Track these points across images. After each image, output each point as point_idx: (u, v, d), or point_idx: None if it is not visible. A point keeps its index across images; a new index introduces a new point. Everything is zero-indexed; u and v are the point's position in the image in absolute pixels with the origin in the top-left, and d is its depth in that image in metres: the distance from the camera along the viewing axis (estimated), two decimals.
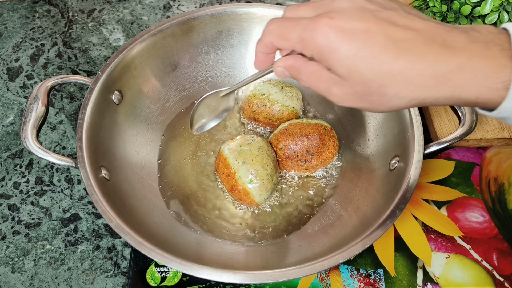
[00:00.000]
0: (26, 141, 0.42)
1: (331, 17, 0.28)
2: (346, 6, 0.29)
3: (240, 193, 0.47)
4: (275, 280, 0.36)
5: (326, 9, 0.29)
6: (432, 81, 0.27)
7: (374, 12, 0.28)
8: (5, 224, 0.51)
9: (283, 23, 0.30)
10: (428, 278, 0.47)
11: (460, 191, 0.53)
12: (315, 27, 0.28)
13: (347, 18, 0.28)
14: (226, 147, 0.49)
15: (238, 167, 0.47)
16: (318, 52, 0.29)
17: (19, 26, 0.70)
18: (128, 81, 0.51)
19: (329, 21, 0.28)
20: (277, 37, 0.31)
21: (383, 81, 0.28)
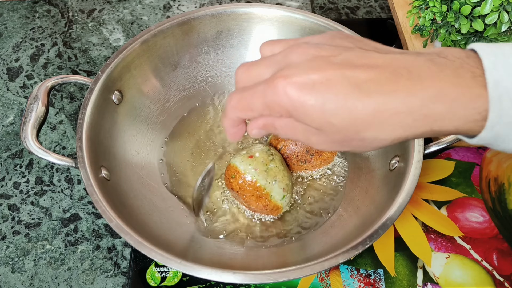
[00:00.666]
0: (26, 141, 0.42)
1: (286, 75, 0.26)
2: (298, 60, 0.27)
3: (272, 210, 0.47)
4: (275, 280, 0.36)
5: (279, 66, 0.28)
6: (408, 119, 0.25)
7: (329, 58, 0.27)
8: (5, 224, 0.51)
9: (243, 94, 0.29)
10: (428, 278, 0.47)
11: (460, 191, 0.53)
12: (273, 90, 0.27)
13: (303, 72, 0.26)
14: (250, 167, 0.46)
15: (271, 187, 0.45)
16: (286, 112, 0.27)
17: (19, 26, 0.70)
18: (128, 81, 0.51)
19: (285, 81, 0.26)
20: (242, 111, 0.30)
21: (357, 128, 0.26)
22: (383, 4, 0.75)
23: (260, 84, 0.28)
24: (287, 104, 0.27)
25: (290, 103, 0.26)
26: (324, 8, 0.74)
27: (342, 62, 0.26)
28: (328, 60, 0.26)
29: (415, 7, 0.54)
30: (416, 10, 0.54)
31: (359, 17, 0.73)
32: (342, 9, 0.74)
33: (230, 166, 0.47)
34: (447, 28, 0.52)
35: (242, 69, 0.30)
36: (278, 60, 0.28)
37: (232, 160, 0.47)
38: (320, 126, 0.27)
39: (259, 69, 0.29)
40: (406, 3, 0.65)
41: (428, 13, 0.52)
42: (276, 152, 0.48)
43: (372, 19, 0.73)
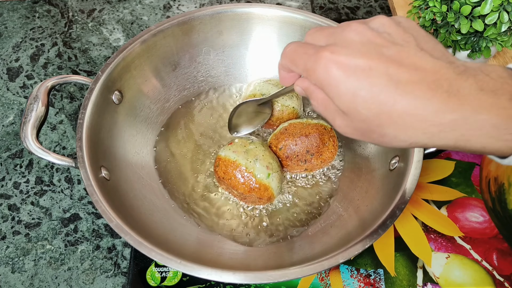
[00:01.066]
0: (26, 141, 0.42)
1: (333, 51, 0.27)
2: (352, 39, 0.27)
3: (260, 190, 0.46)
4: (275, 280, 0.36)
5: (334, 39, 0.28)
6: (434, 129, 0.26)
7: (381, 48, 0.27)
8: (5, 224, 0.51)
9: (297, 48, 0.31)
10: (428, 278, 0.47)
11: (460, 191, 0.53)
12: (317, 59, 0.28)
13: (350, 54, 0.27)
14: (230, 151, 0.48)
15: (253, 166, 0.46)
16: (319, 84, 0.28)
17: (19, 26, 0.70)
18: (128, 81, 0.51)
19: (330, 56, 0.27)
20: (289, 62, 0.31)
21: (381, 122, 0.27)
22: (383, 4, 0.75)
23: (313, 48, 0.29)
24: (322, 78, 0.28)
25: (326, 78, 0.27)
26: (324, 8, 0.74)
27: (391, 55, 0.26)
28: (379, 50, 0.27)
29: (415, 7, 0.54)
30: (416, 10, 0.54)
31: (359, 17, 0.73)
32: (342, 9, 0.74)
33: (217, 157, 0.49)
34: (447, 28, 0.52)
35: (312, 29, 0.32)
36: (336, 33, 0.29)
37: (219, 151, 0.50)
38: (347, 110, 0.28)
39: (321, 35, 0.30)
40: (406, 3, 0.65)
41: (428, 13, 0.52)
42: (256, 139, 0.50)
43: None
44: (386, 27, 0.28)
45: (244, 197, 0.48)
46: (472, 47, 0.52)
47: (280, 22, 0.55)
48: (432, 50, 0.27)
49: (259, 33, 0.57)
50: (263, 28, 0.56)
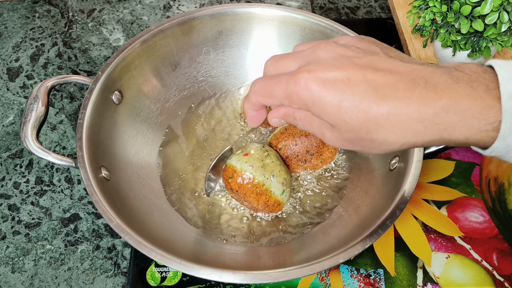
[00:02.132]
0: (26, 141, 0.42)
1: (310, 70, 0.28)
2: (324, 56, 0.29)
3: (273, 206, 0.47)
4: (275, 280, 0.36)
5: (306, 61, 0.29)
6: (419, 126, 0.27)
7: (354, 59, 0.28)
8: (5, 224, 0.51)
9: (267, 81, 0.31)
10: (428, 278, 0.47)
11: (460, 191, 0.53)
12: (296, 82, 0.28)
13: (326, 69, 0.28)
14: (246, 165, 0.46)
15: (270, 183, 0.46)
16: (304, 105, 0.29)
17: (19, 26, 0.70)
18: (128, 81, 0.51)
19: (308, 75, 0.28)
20: (263, 97, 0.32)
21: (369, 128, 0.28)
22: (383, 4, 0.75)
23: (285, 74, 0.30)
24: (306, 97, 0.28)
25: (309, 97, 0.28)
26: (324, 8, 0.74)
27: (365, 64, 0.28)
28: (352, 61, 0.28)
29: (415, 7, 0.54)
30: (416, 10, 0.54)
31: (359, 17, 0.73)
32: (342, 9, 0.74)
33: (227, 167, 0.47)
34: (447, 28, 0.52)
35: (271, 60, 0.32)
36: (306, 55, 0.30)
37: (228, 161, 0.48)
38: (334, 123, 0.28)
39: (286, 62, 0.31)
40: (406, 3, 0.65)
41: (428, 13, 0.52)
42: (270, 149, 0.49)
43: (372, 19, 0.73)
44: (353, 43, 0.30)
45: (255, 209, 0.48)
46: (472, 47, 0.52)
47: (280, 22, 0.55)
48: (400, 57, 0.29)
49: (259, 33, 0.57)
50: (263, 28, 0.56)
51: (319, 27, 0.53)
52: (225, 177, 0.47)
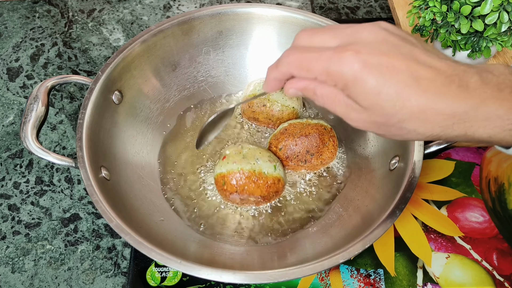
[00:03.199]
0: (26, 141, 0.42)
1: (358, 50, 0.28)
2: (370, 39, 0.29)
3: (275, 184, 0.47)
4: (275, 280, 0.36)
5: (350, 40, 0.29)
6: (448, 121, 0.28)
7: (397, 46, 0.28)
8: (5, 224, 0.51)
9: (304, 54, 0.30)
10: (428, 278, 0.47)
11: (460, 191, 0.53)
12: (340, 59, 0.28)
13: (373, 52, 0.28)
14: (229, 164, 0.46)
15: (259, 166, 0.46)
16: (343, 84, 0.29)
17: (19, 26, 0.70)
18: (128, 81, 0.51)
19: (356, 55, 0.28)
20: (298, 68, 0.31)
21: (403, 117, 0.28)
22: (383, 4, 0.75)
23: (327, 50, 0.29)
24: (348, 77, 0.28)
25: (352, 77, 0.28)
26: (324, 8, 0.74)
27: (408, 54, 0.28)
28: (396, 48, 0.28)
29: (415, 7, 0.54)
30: (416, 10, 0.54)
31: (359, 17, 0.73)
32: (342, 9, 0.74)
33: (216, 179, 0.48)
34: (447, 28, 0.52)
35: (305, 32, 0.31)
36: (348, 33, 0.30)
37: (214, 174, 0.48)
38: (369, 106, 0.29)
39: (324, 36, 0.30)
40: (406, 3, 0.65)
41: (428, 13, 0.52)
42: (242, 142, 0.50)
43: (372, 19, 0.73)
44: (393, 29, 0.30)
45: (263, 198, 0.47)
46: (472, 47, 0.52)
47: (280, 22, 0.55)
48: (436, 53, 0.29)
49: (259, 33, 0.57)
50: (263, 28, 0.56)
51: (319, 27, 0.53)
52: (220, 189, 0.47)
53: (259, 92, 0.40)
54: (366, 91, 0.28)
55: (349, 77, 0.28)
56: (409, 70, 0.27)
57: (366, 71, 0.28)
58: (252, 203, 0.48)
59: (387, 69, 0.27)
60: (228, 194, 0.47)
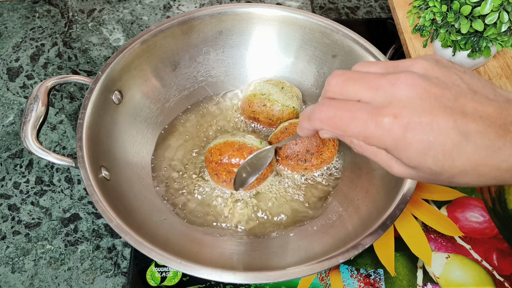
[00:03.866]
0: (26, 141, 0.42)
1: (397, 115, 0.25)
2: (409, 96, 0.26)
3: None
4: (275, 280, 0.36)
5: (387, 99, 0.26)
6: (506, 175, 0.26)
7: (440, 99, 0.25)
8: (5, 224, 0.51)
9: (338, 113, 0.28)
10: (428, 278, 0.47)
11: (460, 191, 0.53)
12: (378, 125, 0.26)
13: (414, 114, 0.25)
14: (217, 140, 0.49)
15: (243, 139, 0.47)
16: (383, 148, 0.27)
17: (19, 26, 0.70)
18: (128, 81, 0.51)
19: (395, 121, 0.25)
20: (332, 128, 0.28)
21: (454, 174, 0.26)
22: (383, 4, 0.75)
23: (362, 111, 0.27)
24: (389, 143, 0.26)
25: (393, 143, 0.26)
26: (324, 8, 0.74)
27: (453, 106, 0.25)
28: (440, 102, 0.25)
29: (415, 7, 0.54)
30: (416, 10, 0.54)
31: (359, 17, 0.73)
32: (342, 9, 0.74)
33: (205, 157, 0.50)
34: (447, 28, 0.52)
35: (336, 79, 0.29)
36: (383, 86, 0.27)
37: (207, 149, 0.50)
38: (415, 166, 0.27)
39: (356, 87, 0.28)
40: (406, 3, 0.65)
41: (428, 13, 0.52)
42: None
43: (372, 19, 0.73)
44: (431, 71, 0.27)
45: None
46: (472, 47, 0.52)
47: (280, 22, 0.55)
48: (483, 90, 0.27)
49: (259, 33, 0.57)
50: (263, 28, 0.56)
51: (319, 27, 0.53)
52: (208, 164, 0.49)
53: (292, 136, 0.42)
54: (410, 155, 0.26)
55: (390, 143, 0.26)
56: (456, 127, 0.25)
57: (409, 135, 0.25)
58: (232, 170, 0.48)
59: (431, 130, 0.25)
60: (215, 165, 0.48)
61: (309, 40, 0.55)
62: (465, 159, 0.25)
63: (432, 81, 0.26)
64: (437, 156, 0.25)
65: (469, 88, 0.26)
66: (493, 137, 0.25)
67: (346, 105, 0.28)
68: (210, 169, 0.49)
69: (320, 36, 0.54)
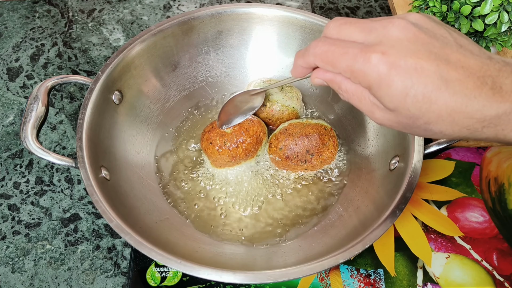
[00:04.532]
0: (26, 141, 0.42)
1: (384, 51, 0.27)
2: (398, 37, 0.27)
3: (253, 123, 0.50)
4: (275, 280, 0.36)
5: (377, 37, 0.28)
6: (478, 125, 0.27)
7: (427, 45, 0.27)
8: (5, 224, 0.51)
9: (331, 48, 0.30)
10: (428, 278, 0.47)
11: (460, 191, 0.53)
12: (366, 60, 0.27)
13: (401, 53, 0.27)
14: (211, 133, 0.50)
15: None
16: (367, 85, 0.28)
17: (19, 26, 0.70)
18: (128, 81, 0.51)
19: (382, 57, 0.27)
20: (323, 62, 0.30)
21: (429, 119, 0.27)
22: (383, 4, 0.75)
23: (354, 47, 0.28)
24: (373, 78, 0.27)
25: (377, 78, 0.27)
26: (324, 8, 0.74)
27: (439, 53, 0.27)
28: (426, 47, 0.27)
29: (415, 7, 0.54)
30: (416, 10, 0.54)
31: (359, 17, 0.73)
32: (342, 9, 0.74)
33: (202, 146, 0.51)
34: None
35: (336, 22, 0.31)
36: (376, 28, 0.28)
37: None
38: (395, 108, 0.28)
39: (352, 30, 0.29)
40: (406, 3, 0.65)
41: (428, 13, 0.52)
42: None
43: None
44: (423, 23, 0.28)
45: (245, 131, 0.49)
46: None
47: (280, 22, 0.55)
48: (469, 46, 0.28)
49: (259, 33, 0.57)
50: (263, 28, 0.56)
51: (319, 27, 0.53)
52: (202, 139, 0.51)
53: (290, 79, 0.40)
54: (391, 93, 0.27)
55: (374, 79, 0.27)
56: (439, 72, 0.26)
57: (392, 73, 0.27)
58: (233, 143, 0.49)
59: (415, 71, 0.26)
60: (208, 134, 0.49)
61: (309, 40, 0.55)
62: (442, 103, 0.26)
63: (422, 30, 0.28)
64: (417, 97, 0.27)
65: (456, 42, 0.28)
66: (471, 86, 0.26)
67: (340, 43, 0.29)
68: (204, 142, 0.50)
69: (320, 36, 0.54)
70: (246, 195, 0.50)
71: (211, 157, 0.50)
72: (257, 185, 0.51)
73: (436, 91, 0.26)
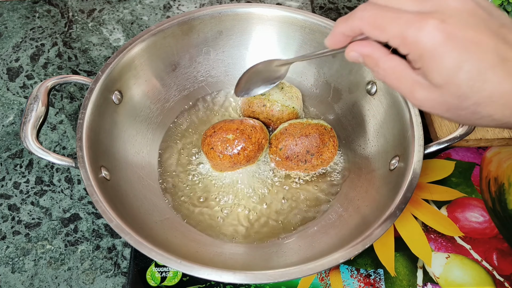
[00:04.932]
0: (26, 141, 0.42)
1: (443, 20, 0.25)
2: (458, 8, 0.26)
3: (249, 125, 0.49)
4: (275, 280, 0.36)
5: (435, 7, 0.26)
6: None
7: (486, 21, 0.25)
8: (5, 224, 0.51)
9: (382, 12, 0.27)
10: (428, 278, 0.47)
11: (460, 191, 0.53)
12: (421, 26, 0.25)
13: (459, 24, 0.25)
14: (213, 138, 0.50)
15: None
16: (418, 54, 0.26)
17: (19, 26, 0.70)
18: (128, 81, 0.51)
19: (440, 25, 0.25)
20: (371, 26, 0.27)
21: (480, 100, 0.25)
22: None
23: (408, 13, 0.26)
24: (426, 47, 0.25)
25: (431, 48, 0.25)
26: (324, 8, 0.74)
27: (498, 31, 0.25)
28: (486, 23, 0.25)
29: None
30: None
31: None
32: (342, 9, 0.74)
33: (203, 150, 0.50)
34: None
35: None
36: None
37: None
38: (443, 83, 0.26)
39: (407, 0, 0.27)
40: None
41: None
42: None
43: None
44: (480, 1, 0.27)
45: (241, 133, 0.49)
46: None
47: (280, 22, 0.55)
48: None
49: (259, 33, 0.57)
50: (263, 28, 0.56)
51: (319, 27, 0.53)
52: (203, 144, 0.50)
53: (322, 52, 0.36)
54: (443, 65, 0.25)
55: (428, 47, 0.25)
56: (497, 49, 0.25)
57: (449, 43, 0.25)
58: (231, 143, 0.48)
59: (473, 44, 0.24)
60: (209, 139, 0.49)
61: (309, 40, 0.55)
62: (496, 83, 0.25)
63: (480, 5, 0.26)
64: (471, 73, 0.25)
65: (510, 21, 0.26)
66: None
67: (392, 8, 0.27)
68: (206, 147, 0.49)
69: (320, 36, 0.54)
70: (246, 195, 0.50)
71: (211, 161, 0.50)
72: (257, 185, 0.51)
73: (492, 69, 0.24)
